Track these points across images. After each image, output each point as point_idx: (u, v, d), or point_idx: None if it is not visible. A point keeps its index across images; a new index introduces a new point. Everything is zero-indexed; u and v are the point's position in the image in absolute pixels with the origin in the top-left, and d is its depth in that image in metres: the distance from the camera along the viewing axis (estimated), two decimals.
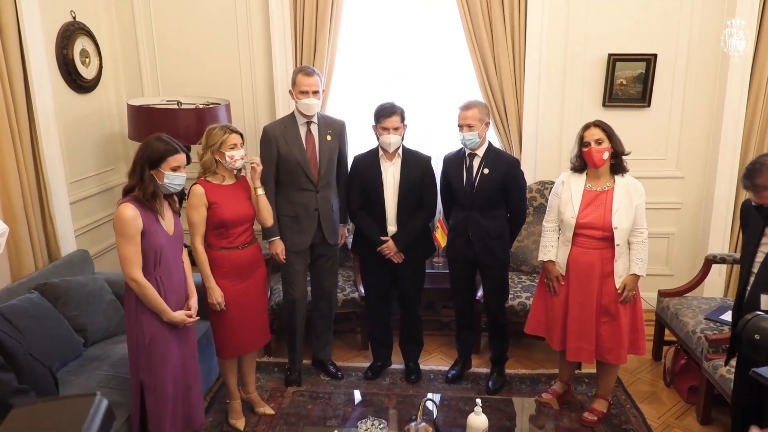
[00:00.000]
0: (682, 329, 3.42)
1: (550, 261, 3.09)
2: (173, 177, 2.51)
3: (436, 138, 4.25)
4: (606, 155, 2.92)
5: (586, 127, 2.97)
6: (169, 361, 2.60)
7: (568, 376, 3.41)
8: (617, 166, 2.97)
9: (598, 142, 2.92)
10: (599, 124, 2.96)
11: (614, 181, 2.97)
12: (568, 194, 3.02)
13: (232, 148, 2.86)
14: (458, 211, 3.36)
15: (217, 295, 2.89)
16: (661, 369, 3.70)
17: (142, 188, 2.47)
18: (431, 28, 4.17)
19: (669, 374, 3.58)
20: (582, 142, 2.97)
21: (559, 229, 3.10)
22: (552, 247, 3.10)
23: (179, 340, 2.67)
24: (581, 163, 3.02)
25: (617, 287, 2.96)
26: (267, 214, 3.05)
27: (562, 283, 3.08)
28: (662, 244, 4.43)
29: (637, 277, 2.96)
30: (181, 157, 2.52)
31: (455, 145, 3.47)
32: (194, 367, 2.78)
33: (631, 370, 3.73)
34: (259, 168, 2.98)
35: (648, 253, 3.01)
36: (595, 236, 2.96)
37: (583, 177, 3.03)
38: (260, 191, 2.98)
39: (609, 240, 2.95)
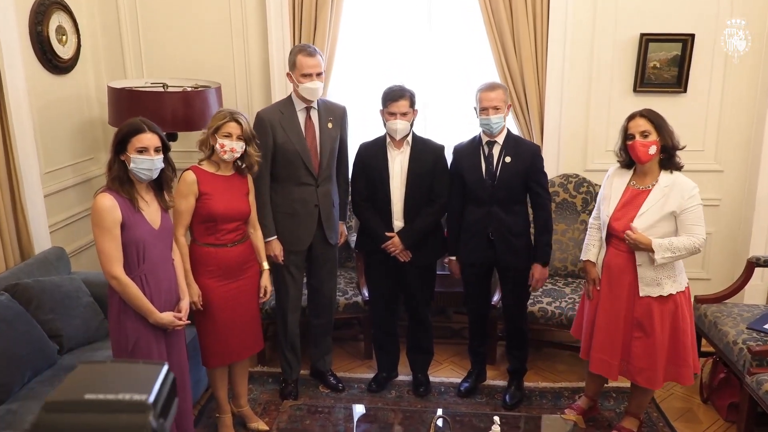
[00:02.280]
0: (721, 339, 3.37)
1: (589, 261, 3.05)
2: (140, 161, 2.46)
3: (448, 125, 4.21)
4: (653, 150, 2.79)
5: (632, 117, 2.86)
6: None
7: (595, 391, 3.36)
8: (667, 162, 2.84)
9: (644, 134, 2.80)
10: (646, 114, 2.83)
11: (659, 180, 2.85)
12: (609, 191, 2.97)
13: (225, 136, 2.84)
14: (475, 208, 3.31)
15: (193, 293, 2.85)
16: (697, 383, 3.64)
17: (109, 174, 2.47)
18: (444, 4, 4.12)
19: (706, 389, 3.53)
20: (626, 134, 2.87)
21: None
22: (593, 246, 3.06)
23: (167, 345, 2.65)
24: (627, 158, 2.92)
25: (640, 294, 2.86)
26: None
27: (597, 288, 3.03)
28: None
29: (649, 245, 2.74)
30: (146, 137, 2.47)
31: (467, 135, 3.44)
32: (183, 375, 2.77)
33: (664, 385, 3.66)
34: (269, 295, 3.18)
35: (683, 255, 2.78)
36: None
37: (629, 173, 2.94)
38: (265, 265, 3.15)
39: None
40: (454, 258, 3.42)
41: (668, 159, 2.84)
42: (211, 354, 3.03)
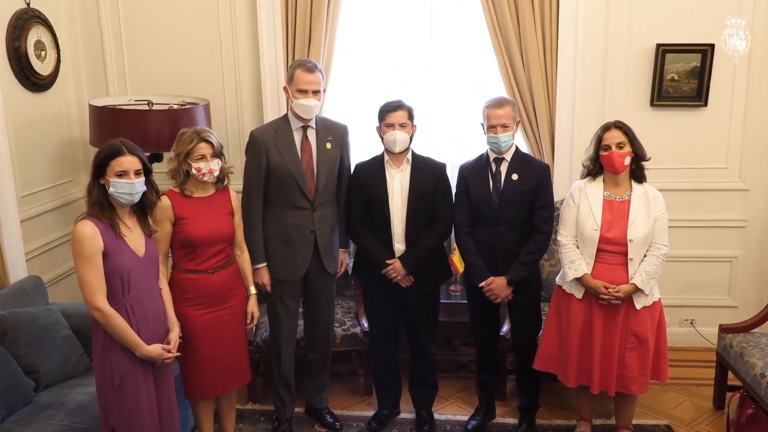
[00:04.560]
0: (748, 372, 3.40)
1: (586, 274, 3.14)
2: (119, 185, 2.53)
3: (451, 142, 4.32)
4: (627, 160, 3.11)
5: (606, 128, 3.15)
6: (143, 404, 2.63)
7: (591, 411, 3.51)
8: (638, 173, 3.17)
9: (620, 145, 3.09)
10: (621, 126, 3.14)
11: (632, 189, 3.15)
12: (587, 205, 3.17)
13: (199, 159, 2.91)
14: (481, 229, 3.37)
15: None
16: (724, 420, 3.68)
17: (89, 199, 2.55)
18: (447, 16, 4.22)
19: (734, 426, 3.54)
20: (600, 145, 3.14)
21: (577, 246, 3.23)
22: (580, 260, 3.17)
23: (155, 379, 2.71)
24: (597, 168, 3.19)
25: (637, 307, 3.10)
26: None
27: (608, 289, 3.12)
28: (724, 270, 4.42)
29: (635, 287, 3.07)
30: (125, 160, 2.53)
31: (471, 152, 3.53)
32: (172, 412, 2.82)
33: (688, 422, 3.71)
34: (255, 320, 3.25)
35: (660, 272, 3.12)
36: (622, 252, 3.11)
37: (600, 185, 3.20)
38: (252, 290, 3.24)
39: None
40: (485, 281, 3.33)
41: (639, 170, 3.17)
42: (192, 386, 3.09)
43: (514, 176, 3.31)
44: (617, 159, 3.07)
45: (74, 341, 3.31)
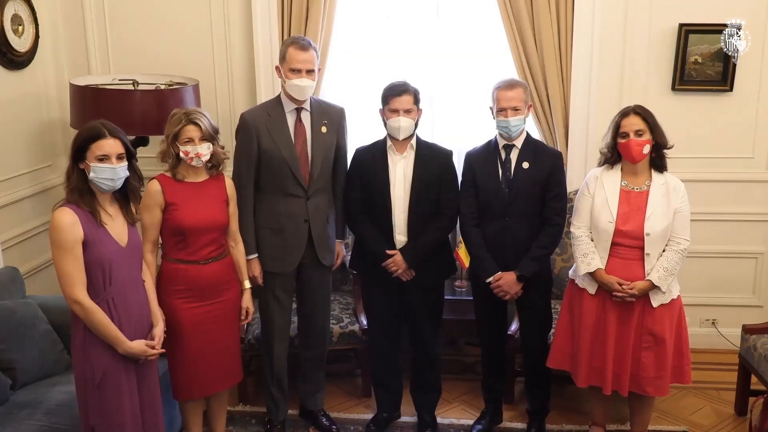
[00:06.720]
0: None
1: (600, 269, 3.14)
2: (100, 170, 2.51)
3: (458, 127, 4.31)
4: (647, 149, 3.09)
5: (625, 113, 3.14)
6: (125, 403, 2.63)
7: (604, 415, 3.50)
8: (659, 161, 3.15)
9: (639, 133, 3.07)
10: (640, 112, 3.12)
11: (652, 179, 3.14)
12: (603, 195, 3.16)
13: (186, 142, 2.92)
14: (489, 221, 3.37)
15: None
16: (746, 426, 3.67)
17: (68, 185, 2.54)
18: None
19: None
20: (618, 132, 3.13)
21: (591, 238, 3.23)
22: (594, 253, 3.17)
23: (138, 377, 2.71)
24: (615, 156, 3.18)
25: (654, 305, 3.09)
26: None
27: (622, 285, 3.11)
28: (748, 267, 4.42)
29: (651, 284, 3.06)
30: (106, 144, 2.52)
31: (479, 138, 3.52)
32: (156, 412, 2.83)
33: (708, 428, 3.72)
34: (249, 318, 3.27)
35: (679, 268, 3.11)
36: (638, 246, 3.10)
37: (617, 173, 3.19)
38: (247, 284, 3.23)
39: None
40: (493, 277, 3.33)
41: (660, 158, 3.16)
42: (180, 385, 3.09)
43: (525, 164, 3.30)
44: (635, 147, 3.06)
45: (53, 337, 3.31)
